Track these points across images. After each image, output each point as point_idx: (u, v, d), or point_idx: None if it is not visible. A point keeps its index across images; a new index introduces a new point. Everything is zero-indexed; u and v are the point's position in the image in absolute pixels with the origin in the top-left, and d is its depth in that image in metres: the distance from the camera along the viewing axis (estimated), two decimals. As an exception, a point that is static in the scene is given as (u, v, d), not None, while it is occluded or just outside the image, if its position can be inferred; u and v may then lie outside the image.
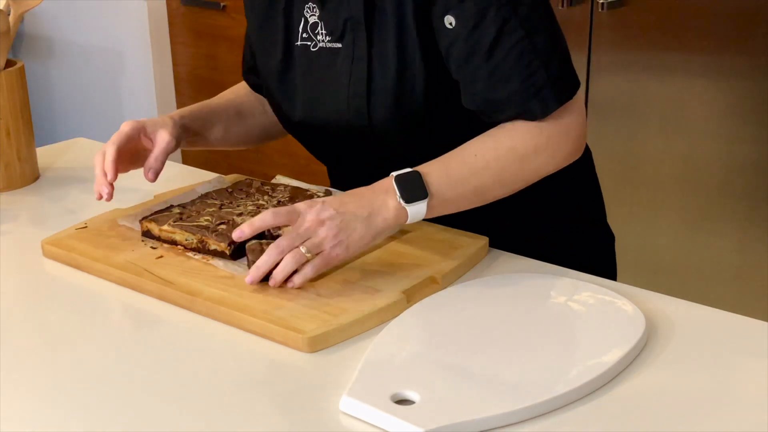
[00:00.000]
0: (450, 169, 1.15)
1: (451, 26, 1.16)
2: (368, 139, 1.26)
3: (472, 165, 1.16)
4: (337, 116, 1.26)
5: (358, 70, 1.22)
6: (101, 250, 1.23)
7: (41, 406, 0.93)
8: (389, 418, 0.87)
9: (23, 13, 1.53)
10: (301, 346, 1.02)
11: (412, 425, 0.86)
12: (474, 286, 1.14)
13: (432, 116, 1.23)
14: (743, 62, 2.21)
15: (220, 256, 1.19)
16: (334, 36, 1.25)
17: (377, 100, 1.22)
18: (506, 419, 0.88)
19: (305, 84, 1.30)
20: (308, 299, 1.09)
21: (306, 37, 1.28)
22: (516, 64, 1.15)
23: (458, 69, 1.18)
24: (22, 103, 1.51)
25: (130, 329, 1.11)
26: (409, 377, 0.93)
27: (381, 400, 0.89)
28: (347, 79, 1.24)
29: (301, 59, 1.30)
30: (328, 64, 1.26)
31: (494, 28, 1.14)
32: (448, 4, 1.15)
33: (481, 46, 1.15)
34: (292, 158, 3.07)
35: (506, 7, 1.14)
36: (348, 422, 0.90)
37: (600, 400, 0.92)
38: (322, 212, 1.10)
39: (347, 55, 1.24)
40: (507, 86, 1.16)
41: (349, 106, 1.24)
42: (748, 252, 2.29)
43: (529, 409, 0.89)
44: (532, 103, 1.15)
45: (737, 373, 0.97)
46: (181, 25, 3.26)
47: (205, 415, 0.91)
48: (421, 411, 0.88)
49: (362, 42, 1.21)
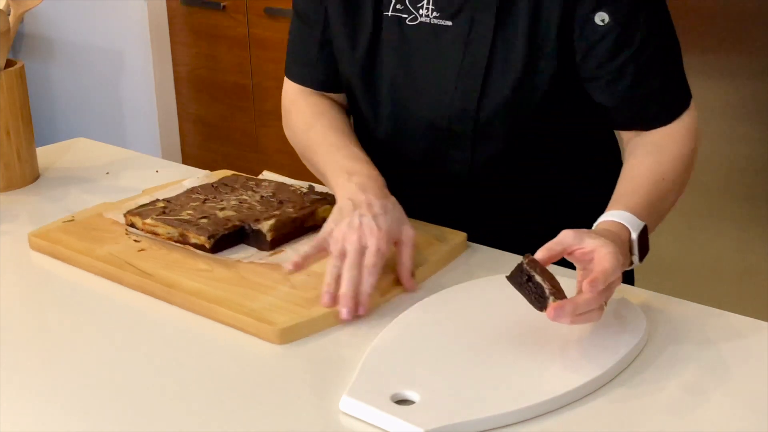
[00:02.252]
0: (653, 207, 1.16)
1: (602, 23, 1.17)
2: (465, 128, 1.23)
3: (663, 189, 1.18)
4: (435, 98, 1.23)
5: (475, 54, 1.19)
6: (85, 243, 1.25)
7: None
8: (389, 418, 0.87)
9: (23, 13, 1.53)
10: (272, 337, 1.03)
11: (412, 425, 0.86)
12: (475, 286, 1.14)
13: (543, 113, 1.23)
14: (743, 62, 2.20)
15: (201, 249, 1.21)
16: (444, 13, 1.20)
17: (493, 87, 1.20)
18: (506, 419, 0.88)
19: (394, 60, 1.25)
20: (282, 292, 1.11)
21: (401, 9, 1.23)
22: (661, 61, 1.20)
23: (600, 65, 1.19)
24: (22, 103, 1.51)
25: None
26: (409, 377, 0.93)
27: (381, 400, 0.89)
28: (458, 60, 1.20)
29: (391, 31, 1.24)
30: (428, 40, 1.22)
31: (645, 26, 1.17)
32: (603, 0, 1.16)
33: (632, 43, 1.17)
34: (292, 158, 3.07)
35: (655, 5, 1.18)
36: (348, 422, 0.90)
37: (600, 401, 0.92)
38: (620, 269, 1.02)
39: (459, 35, 1.20)
40: (651, 83, 1.19)
41: (456, 89, 1.21)
42: (748, 252, 2.29)
43: (530, 410, 0.89)
44: (672, 99, 1.21)
45: (737, 373, 0.97)
46: (181, 25, 3.26)
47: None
48: (422, 411, 0.88)
49: (487, 24, 1.18)
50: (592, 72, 1.20)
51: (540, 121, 1.24)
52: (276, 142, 3.11)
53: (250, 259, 1.20)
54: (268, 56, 3.04)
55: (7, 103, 1.47)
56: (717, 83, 2.25)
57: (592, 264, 0.99)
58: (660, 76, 1.20)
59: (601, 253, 0.99)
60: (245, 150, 3.17)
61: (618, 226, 1.09)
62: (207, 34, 3.19)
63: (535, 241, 1.14)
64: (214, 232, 1.21)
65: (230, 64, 3.15)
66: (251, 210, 1.27)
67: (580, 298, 0.96)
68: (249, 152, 3.14)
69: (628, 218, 1.09)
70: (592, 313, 0.97)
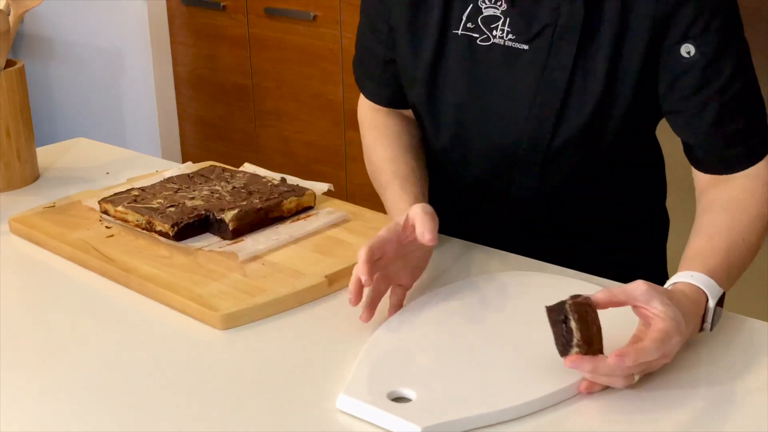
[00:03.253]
0: (732, 267, 1.08)
1: (688, 55, 1.13)
2: (536, 156, 1.20)
3: (742, 251, 1.10)
4: (505, 123, 1.19)
5: (553, 80, 1.16)
6: (59, 228, 1.30)
7: None
8: (386, 415, 0.88)
9: (23, 13, 1.53)
10: (215, 323, 1.06)
11: (409, 422, 0.86)
12: (470, 284, 1.14)
13: (615, 145, 1.20)
14: (743, 62, 2.20)
15: (165, 237, 1.25)
16: (521, 36, 1.16)
17: (569, 115, 1.16)
18: (502, 416, 0.89)
19: (461, 81, 1.21)
20: (234, 280, 1.14)
21: (472, 28, 1.19)
22: (746, 101, 1.15)
23: (682, 99, 1.15)
24: (22, 103, 1.51)
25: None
26: (406, 375, 0.94)
27: (378, 398, 0.90)
28: (533, 86, 1.17)
29: (459, 50, 1.20)
30: (502, 63, 1.18)
31: (732, 63, 1.13)
32: (689, 33, 1.12)
33: (717, 79, 1.13)
34: (292, 158, 3.07)
35: (742, 44, 1.15)
36: (345, 421, 0.90)
37: (596, 398, 0.92)
38: (676, 347, 0.94)
39: (536, 60, 1.16)
40: (735, 122, 1.15)
41: (530, 115, 1.17)
42: (748, 252, 2.29)
43: (525, 406, 0.90)
44: (756, 142, 1.15)
45: (737, 373, 0.97)
46: (181, 25, 3.26)
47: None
48: (419, 408, 0.88)
49: (568, 51, 1.14)
50: (674, 105, 1.16)
51: (611, 150, 1.21)
52: (276, 142, 3.11)
53: (210, 247, 1.23)
54: (268, 56, 3.04)
55: (7, 103, 1.48)
56: (717, 83, 2.25)
57: (647, 329, 0.93)
58: (744, 116, 1.15)
59: (658, 326, 0.92)
60: (245, 150, 3.17)
61: (696, 291, 1.01)
62: (207, 34, 3.19)
63: (585, 260, 1.16)
64: (178, 220, 1.25)
65: (230, 64, 3.15)
66: (220, 200, 1.31)
67: (604, 361, 0.90)
68: (249, 152, 3.14)
69: (707, 283, 1.02)
70: (614, 379, 0.92)
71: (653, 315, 0.93)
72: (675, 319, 0.92)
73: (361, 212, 1.33)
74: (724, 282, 1.05)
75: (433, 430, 0.86)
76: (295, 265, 1.17)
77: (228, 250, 1.22)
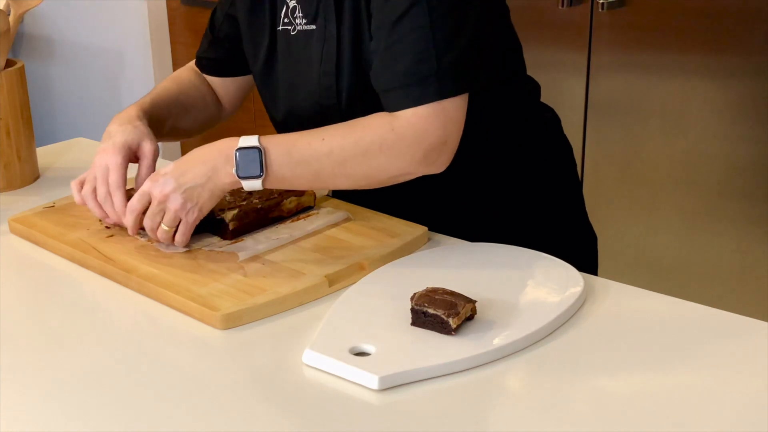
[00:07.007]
0: (294, 148, 1.16)
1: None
2: (339, 119, 1.24)
3: (316, 149, 1.15)
4: (310, 98, 1.30)
5: (329, 49, 1.26)
6: (59, 228, 1.30)
7: None
8: (348, 367, 0.95)
9: (23, 13, 1.53)
10: (215, 323, 1.07)
11: (368, 373, 0.94)
12: (433, 253, 1.22)
13: None
14: (743, 62, 2.21)
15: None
16: (309, 18, 1.29)
17: (345, 78, 1.25)
18: (452, 367, 0.96)
19: (285, 69, 1.34)
20: (234, 280, 1.14)
21: (287, 22, 1.32)
22: (411, 47, 1.15)
23: (371, 42, 1.21)
24: (22, 103, 1.51)
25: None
26: (366, 333, 1.02)
27: (340, 353, 0.97)
28: (319, 59, 1.27)
29: (282, 44, 1.34)
30: (303, 46, 1.30)
31: (403, 6, 1.15)
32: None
33: (387, 20, 1.17)
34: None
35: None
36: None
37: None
38: (164, 187, 1.18)
39: (320, 36, 1.27)
40: (396, 65, 1.16)
41: (320, 85, 1.27)
42: (748, 252, 2.29)
43: (474, 359, 0.97)
44: (412, 88, 1.14)
45: (737, 373, 0.97)
46: (181, 25, 3.26)
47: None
48: (377, 361, 0.96)
49: (332, 22, 1.25)
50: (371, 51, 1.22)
51: None
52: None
53: (210, 247, 1.23)
54: (268, 56, 3.04)
55: (7, 103, 1.48)
56: (717, 83, 2.25)
57: None
58: (408, 61, 1.15)
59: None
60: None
61: (231, 141, 1.17)
62: (207, 34, 3.19)
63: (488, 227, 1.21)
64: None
65: (230, 64, 3.15)
66: (221, 200, 1.29)
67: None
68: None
69: (247, 137, 1.15)
70: (155, 234, 1.19)
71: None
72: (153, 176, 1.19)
73: (361, 212, 1.33)
74: (271, 154, 1.15)
75: (389, 380, 0.93)
76: (295, 265, 1.18)
77: (228, 249, 1.22)
